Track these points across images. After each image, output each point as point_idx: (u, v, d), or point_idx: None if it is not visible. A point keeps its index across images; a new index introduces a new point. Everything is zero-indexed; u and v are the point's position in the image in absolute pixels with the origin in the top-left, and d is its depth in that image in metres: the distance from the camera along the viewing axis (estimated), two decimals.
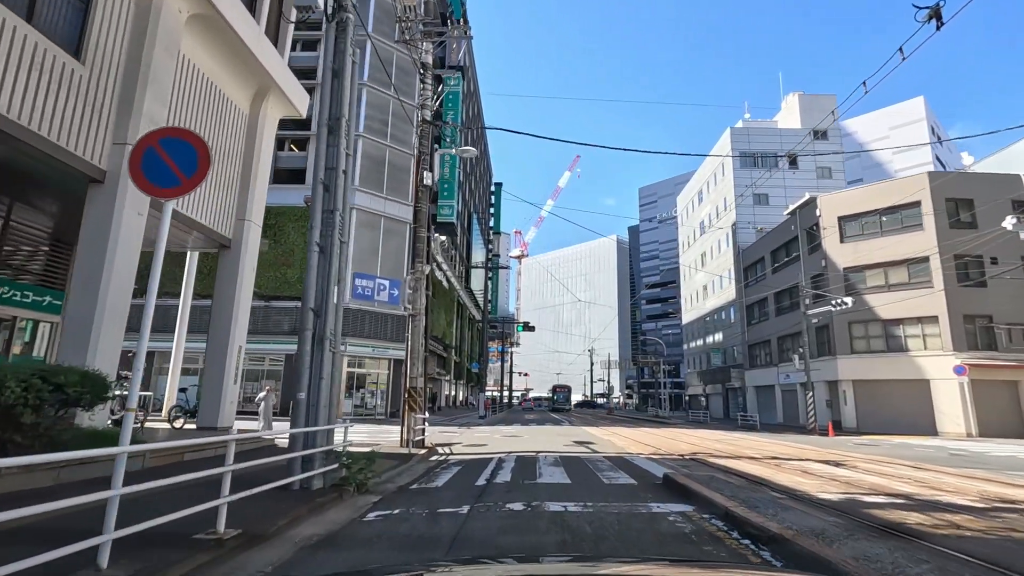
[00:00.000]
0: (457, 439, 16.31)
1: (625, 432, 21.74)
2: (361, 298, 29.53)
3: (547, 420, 35.88)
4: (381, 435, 16.72)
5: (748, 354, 41.67)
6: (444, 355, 44.75)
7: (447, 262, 44.40)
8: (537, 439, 16.70)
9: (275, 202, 30.42)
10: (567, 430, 22.77)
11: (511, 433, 19.55)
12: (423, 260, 13.41)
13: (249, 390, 29.13)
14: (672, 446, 14.99)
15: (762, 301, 39.31)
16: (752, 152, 46.27)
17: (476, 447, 13.90)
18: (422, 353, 13.06)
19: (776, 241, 37.09)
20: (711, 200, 51.56)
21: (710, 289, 51.75)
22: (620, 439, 17.59)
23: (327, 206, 7.86)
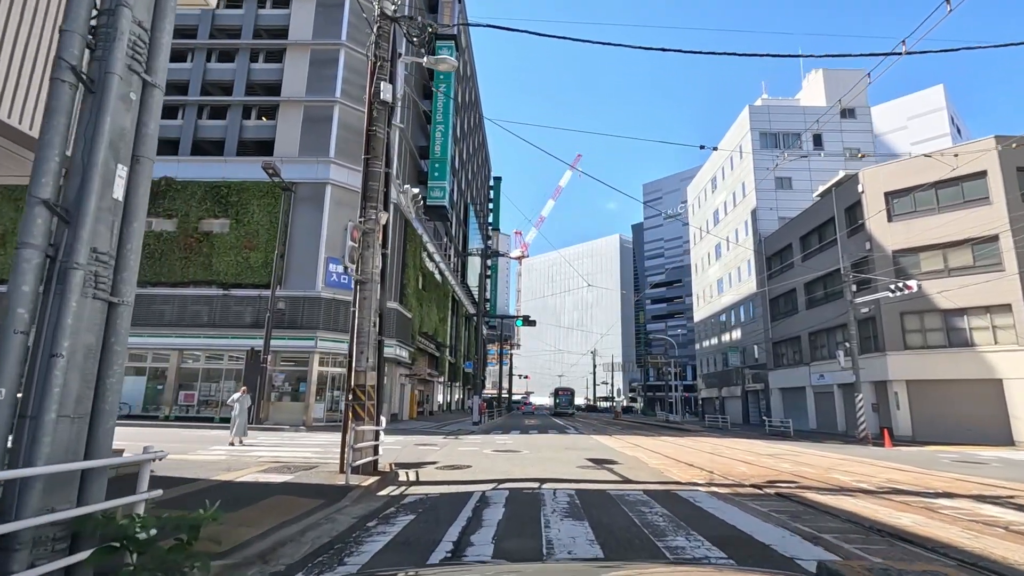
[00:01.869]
0: (435, 455, 12.30)
1: (647, 443, 17.70)
2: (336, 286, 25.57)
3: (550, 426, 31.83)
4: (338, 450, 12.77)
5: (772, 353, 37.61)
6: (436, 355, 40.72)
7: (440, 252, 40.43)
8: (540, 455, 12.67)
9: (237, 176, 26.55)
10: (575, 440, 18.74)
11: (506, 445, 15.52)
12: (377, 204, 9.43)
13: (207, 392, 25.20)
14: (725, 467, 10.97)
15: (789, 293, 35.29)
16: (773, 132, 42.32)
17: (455, 470, 9.88)
18: (373, 336, 9.07)
19: (806, 225, 33.10)
20: (727, 187, 47.60)
21: (725, 283, 47.73)
22: (647, 454, 13.57)
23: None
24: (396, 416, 30.72)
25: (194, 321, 24.81)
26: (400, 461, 11.13)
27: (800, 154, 40.88)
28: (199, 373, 25.14)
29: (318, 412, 24.69)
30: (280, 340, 24.28)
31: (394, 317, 27.17)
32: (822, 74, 44.38)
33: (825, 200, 31.39)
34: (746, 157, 42.69)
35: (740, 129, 44.35)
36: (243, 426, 15.31)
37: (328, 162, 26.46)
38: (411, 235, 31.20)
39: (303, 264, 25.58)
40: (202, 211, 25.95)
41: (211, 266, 25.31)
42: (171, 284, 25.10)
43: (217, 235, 25.73)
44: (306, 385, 24.54)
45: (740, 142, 43.97)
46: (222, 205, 26.02)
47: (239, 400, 15.44)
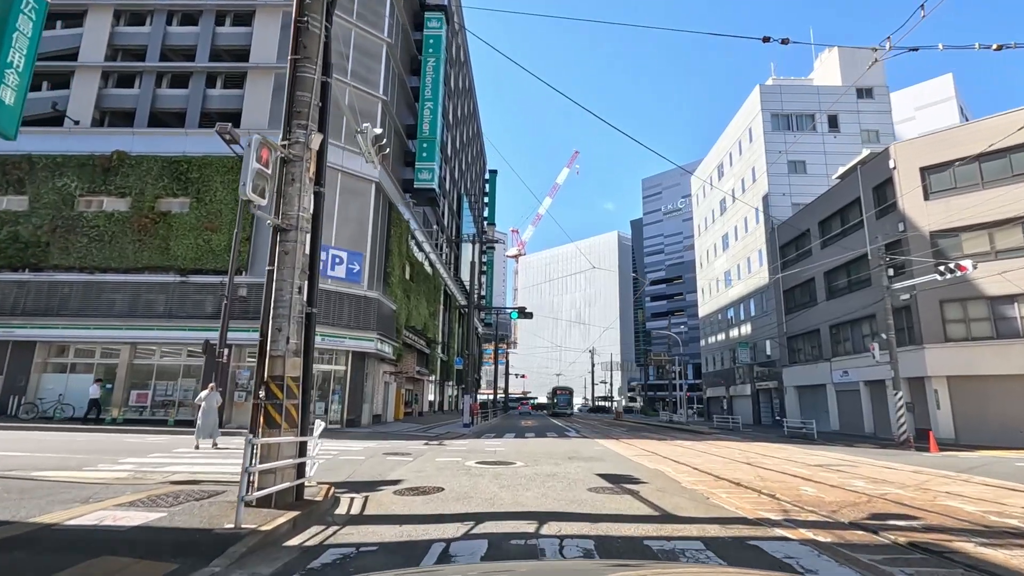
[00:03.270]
0: (402, 470, 9.55)
1: (664, 450, 14.98)
2: None
3: (548, 428, 29.12)
4: None
5: (787, 348, 34.96)
6: (427, 351, 37.95)
7: (430, 242, 37.65)
8: (537, 469, 9.92)
9: (199, 150, 23.78)
10: (578, 446, 16.02)
11: (497, 454, 12.77)
12: (308, 123, 6.67)
13: (164, 391, 22.41)
14: (783, 486, 8.24)
15: (806, 284, 32.65)
16: (785, 113, 39.67)
17: (420, 496, 7.12)
18: (298, 308, 6.31)
19: (826, 209, 30.45)
20: (735, 173, 44.94)
21: (733, 275, 45.08)
22: (672, 466, 10.85)
23: None
24: (379, 417, 27.95)
25: (148, 311, 22.01)
26: (352, 480, 8.39)
27: (814, 136, 38.28)
28: (153, 370, 22.33)
29: None
30: (244, 332, 21.48)
31: (375, 308, 24.43)
32: (836, 52, 41.77)
33: (848, 181, 28.75)
34: (756, 140, 40.05)
35: (750, 111, 41.70)
36: (212, 426, 13.73)
37: None
38: (396, 219, 28.46)
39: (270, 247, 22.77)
40: (159, 189, 23.17)
41: (168, 250, 22.54)
42: (123, 270, 22.32)
43: (176, 215, 22.95)
44: None
45: (750, 124, 41.32)
46: (181, 182, 23.24)
47: (207, 398, 13.91)
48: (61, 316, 21.87)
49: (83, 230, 22.60)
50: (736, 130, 44.61)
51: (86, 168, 23.36)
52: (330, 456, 11.31)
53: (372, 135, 9.68)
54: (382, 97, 26.83)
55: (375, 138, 9.70)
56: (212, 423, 13.99)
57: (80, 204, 23.29)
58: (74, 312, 21.85)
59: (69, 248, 22.39)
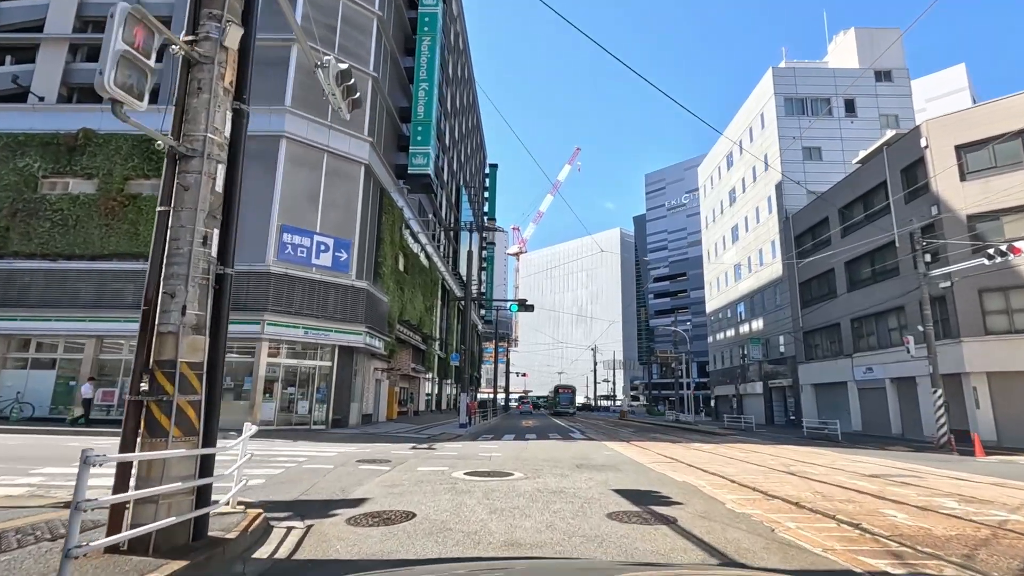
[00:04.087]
0: (370, 486, 7.70)
1: (684, 455, 13.10)
2: (291, 260, 21.05)
3: (550, 429, 27.28)
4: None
5: (803, 344, 33.05)
6: (423, 348, 36.10)
7: (426, 233, 35.79)
8: (539, 484, 8.05)
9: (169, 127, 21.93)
10: (586, 450, 14.16)
11: (491, 462, 10.92)
12: (223, 13, 4.80)
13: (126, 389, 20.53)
14: (859, 508, 6.37)
15: (824, 275, 30.74)
16: (799, 97, 37.73)
17: (380, 527, 5.25)
18: (202, 263, 4.46)
19: (847, 195, 28.53)
20: (745, 162, 43.01)
21: (744, 269, 43.16)
22: (703, 477, 8.99)
23: None
24: (370, 417, 26.14)
25: (116, 302, 20.18)
26: (305, 498, 6.56)
27: (830, 121, 36.35)
28: (121, 366, 20.51)
29: (267, 413, 20.10)
30: None
31: (364, 299, 22.60)
32: (853, 33, 39.79)
33: (872, 164, 26.83)
34: (769, 126, 38.12)
35: (762, 95, 39.75)
36: None
37: (283, 111, 21.87)
38: (388, 206, 26.62)
39: (250, 233, 20.91)
40: (128, 169, 21.37)
41: (138, 235, 20.73)
42: (88, 257, 20.52)
43: (147, 198, 21.12)
44: (252, 379, 19.95)
45: (762, 109, 39.38)
46: (153, 162, 21.40)
47: None
48: (21, 307, 20.09)
49: (46, 214, 20.82)
50: (747, 116, 42.66)
51: (50, 147, 21.56)
52: (293, 465, 9.49)
53: (336, 71, 7.80)
54: (372, 74, 24.99)
55: (340, 75, 7.81)
56: None
57: (44, 186, 21.50)
58: (35, 303, 20.06)
59: (30, 234, 20.59)
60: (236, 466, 5.31)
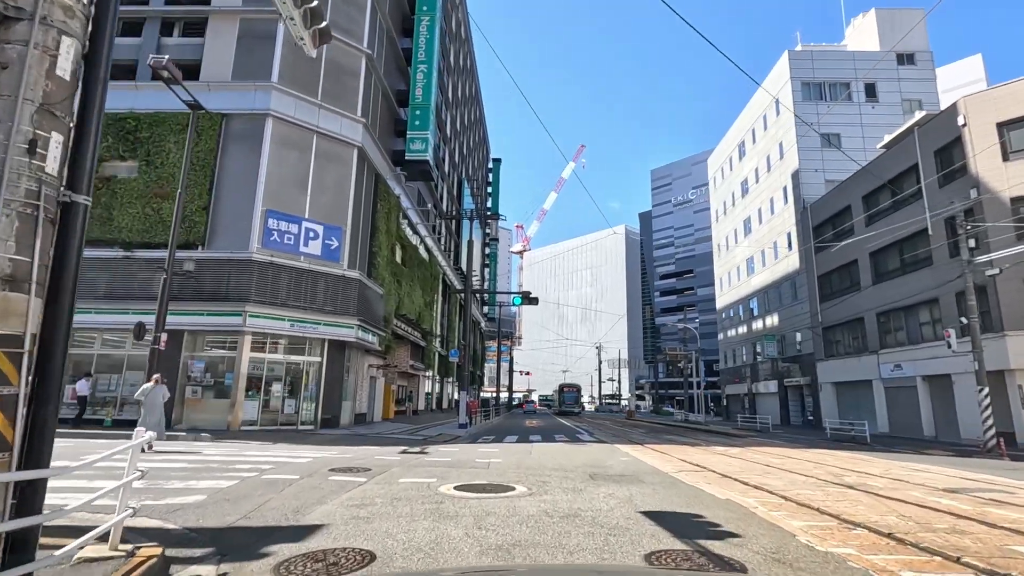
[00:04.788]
0: (338, 503, 6.11)
1: (715, 463, 11.45)
2: (277, 247, 19.55)
3: (556, 429, 25.68)
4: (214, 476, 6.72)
5: (822, 340, 31.30)
6: (422, 344, 34.55)
7: (425, 225, 34.22)
8: (546, 501, 6.42)
9: (150, 106, 20.46)
10: (599, 455, 12.53)
11: (489, 470, 9.32)
12: None
13: (106, 385, 19.10)
14: (983, 544, 4.77)
15: (847, 267, 28.98)
16: (817, 81, 35.94)
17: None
18: (25, 187, 2.86)
19: (872, 181, 26.78)
20: (758, 151, 41.24)
21: (757, 262, 41.40)
22: (753, 495, 7.34)
23: None
24: (364, 417, 24.60)
25: (88, 292, 18.63)
26: (240, 525, 4.98)
27: (850, 106, 34.57)
28: (94, 361, 19.00)
29: (250, 412, 18.59)
30: (196, 316, 18.21)
31: (356, 290, 21.06)
32: (873, 15, 37.95)
33: (900, 148, 25.08)
34: (785, 112, 36.34)
35: (777, 80, 37.97)
36: (155, 426, 11.43)
37: (269, 88, 20.36)
38: (383, 193, 25.09)
39: (233, 218, 19.48)
40: (103, 150, 19.81)
41: (111, 220, 19.23)
42: None
43: (121, 181, 19.65)
44: (233, 376, 18.41)
45: (777, 95, 37.60)
46: (129, 143, 19.93)
47: (150, 392, 11.89)
48: None
49: None
50: (761, 102, 40.87)
51: None
52: (252, 475, 7.92)
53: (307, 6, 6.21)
54: (366, 51, 23.43)
55: (308, 13, 6.21)
56: (156, 422, 11.72)
57: None
58: None
59: None
60: (119, 485, 3.71)
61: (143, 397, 12.11)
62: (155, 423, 11.68)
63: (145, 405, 12.05)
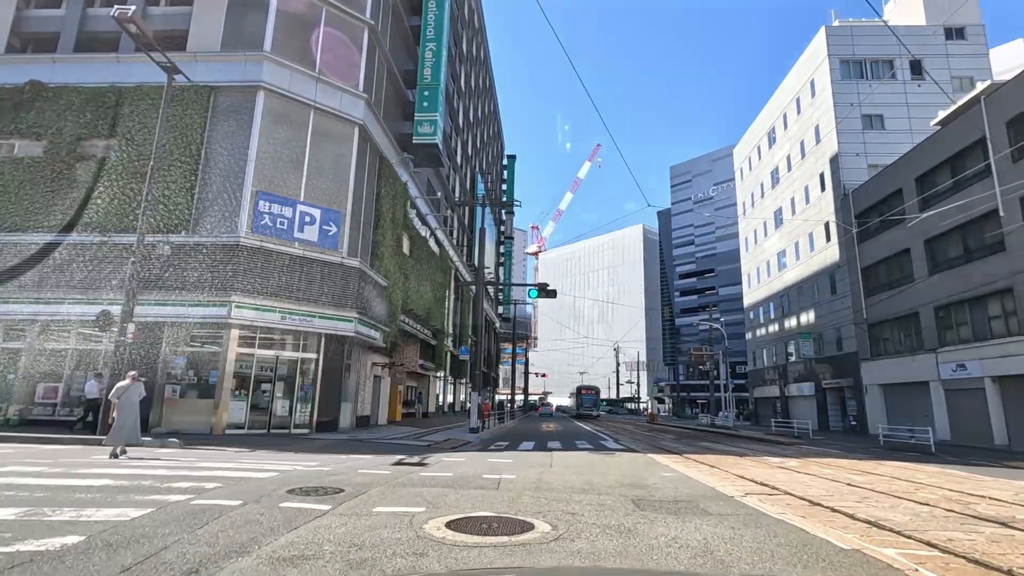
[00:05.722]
0: (275, 551, 4.06)
1: (791, 483, 9.13)
2: (269, 232, 17.70)
3: (576, 435, 23.47)
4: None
5: (868, 338, 28.61)
6: (433, 343, 32.53)
7: (436, 216, 32.22)
8: (579, 550, 4.31)
9: (132, 79, 18.78)
10: (635, 469, 10.31)
11: (498, 493, 7.15)
12: None
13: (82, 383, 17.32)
14: None
15: (897, 256, 26.31)
16: (857, 59, 33.24)
17: None
18: None
19: (927, 161, 24.14)
20: (791, 137, 38.58)
21: (790, 256, 38.70)
22: (878, 538, 5.13)
23: None
24: (367, 420, 22.65)
25: (61, 281, 16.96)
26: None
27: (894, 85, 31.86)
28: (69, 355, 17.28)
29: (236, 414, 16.70)
30: (177, 307, 16.36)
31: (356, 280, 19.11)
32: None
33: (960, 123, 22.45)
34: (822, 93, 33.70)
35: (813, 59, 35.33)
36: (131, 429, 10.55)
37: (261, 58, 18.53)
38: (388, 178, 23.15)
39: (217, 199, 17.65)
40: (81, 127, 18.20)
41: (89, 203, 17.53)
42: (29, 229, 17.39)
43: (100, 160, 17.94)
44: (217, 374, 16.54)
45: (812, 75, 34.97)
46: (109, 119, 18.24)
47: (125, 391, 10.62)
48: None
49: None
50: (794, 85, 38.23)
51: None
52: (183, 498, 5.89)
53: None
54: (368, 22, 21.53)
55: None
56: (130, 424, 10.53)
57: None
58: None
59: None
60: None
61: (116, 398, 10.55)
62: (131, 427, 10.56)
63: (120, 406, 10.54)
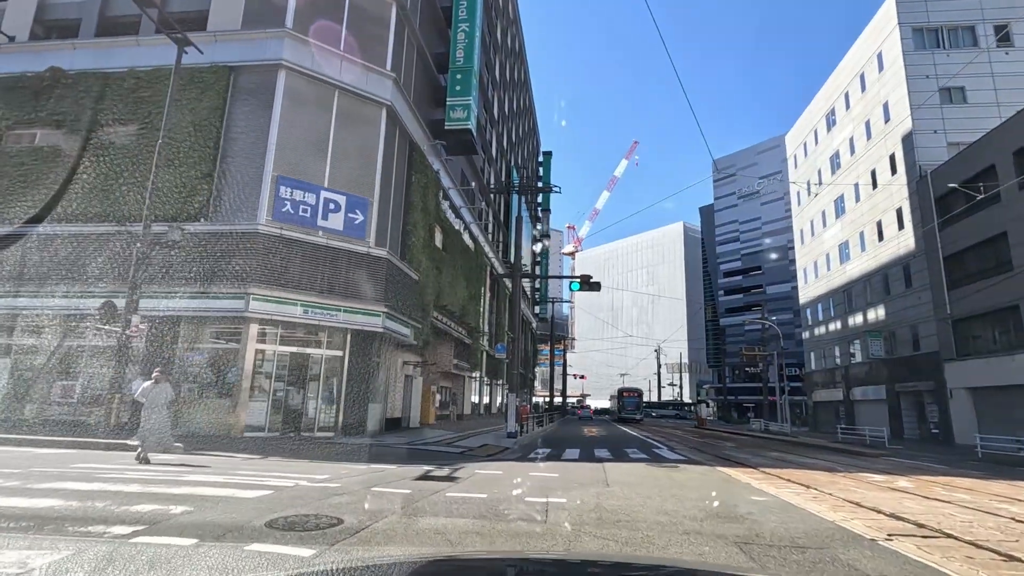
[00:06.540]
0: None
1: (922, 511, 7.00)
2: (290, 220, 16.43)
3: (623, 441, 21.42)
4: None
5: (953, 335, 25.44)
6: (468, 342, 30.97)
7: (470, 208, 30.67)
8: None
9: (151, 62, 17.91)
10: (715, 491, 8.32)
11: (543, 538, 5.34)
12: None
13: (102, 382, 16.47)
14: None
15: (989, 243, 23.17)
16: (932, 26, 29.97)
17: None
18: None
19: None
20: (854, 117, 35.37)
21: (853, 247, 35.45)
22: None
23: None
24: (399, 422, 21.19)
25: (79, 274, 16.13)
26: None
27: (977, 54, 28.48)
28: (85, 353, 16.43)
29: (256, 416, 15.44)
30: (192, 300, 15.22)
31: (384, 271, 17.67)
32: None
33: None
34: (892, 66, 30.54)
35: (879, 30, 32.17)
36: (161, 431, 9.92)
37: (283, 35, 17.33)
38: (419, 165, 21.71)
39: (235, 185, 16.50)
40: (99, 113, 17.40)
41: (107, 191, 16.68)
42: (47, 220, 16.64)
43: (122, 147, 17.08)
44: (236, 373, 15.31)
45: (879, 48, 31.82)
46: (128, 104, 17.38)
47: (150, 392, 9.92)
48: None
49: (5, 170, 17.19)
50: (857, 60, 35.02)
51: (15, 93, 17.95)
52: (138, 528, 4.34)
53: None
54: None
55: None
56: (158, 427, 9.82)
57: (9, 139, 17.93)
58: None
59: None
60: None
61: (143, 398, 9.88)
62: (160, 429, 9.92)
63: (146, 408, 9.82)
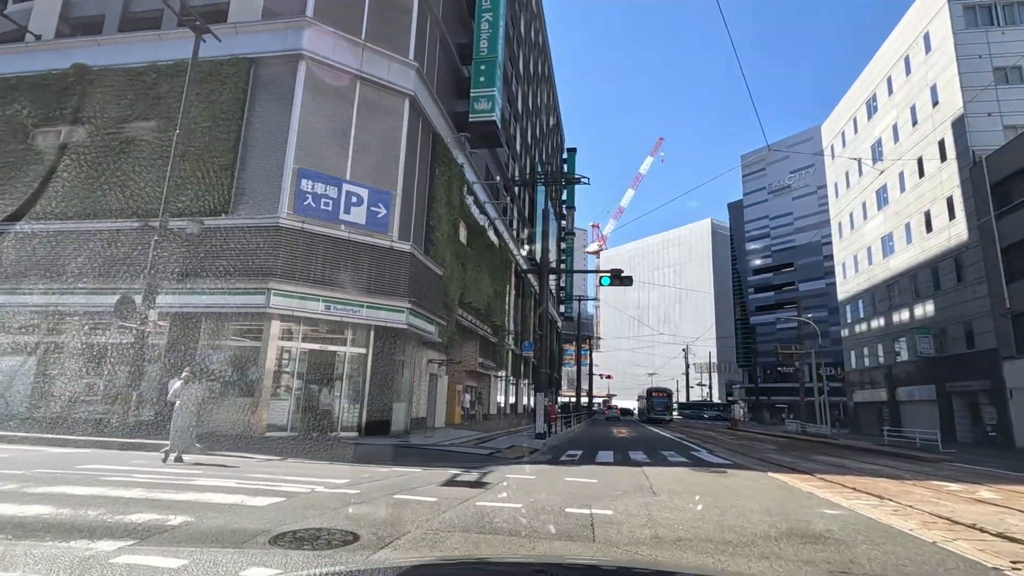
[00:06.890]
0: None
1: None
2: (312, 213, 15.97)
3: (656, 443, 20.45)
4: None
5: (1013, 332, 23.73)
6: (493, 341, 30.32)
7: (494, 204, 29.96)
8: None
9: (173, 56, 17.68)
10: (777, 501, 7.41)
11: (590, 551, 4.54)
12: None
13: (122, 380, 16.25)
14: None
15: None
16: (985, 2, 28.12)
17: None
18: None
19: None
20: (897, 102, 33.56)
21: (898, 239, 33.64)
22: None
23: None
24: (423, 422, 20.62)
25: (98, 271, 15.94)
26: None
27: None
28: (108, 350, 16.22)
29: (278, 415, 15.01)
30: (213, 296, 14.85)
31: (407, 266, 17.09)
32: None
33: None
34: (940, 47, 28.77)
35: (926, 9, 30.37)
36: (188, 430, 9.70)
37: (303, 24, 16.89)
38: (443, 157, 21.11)
39: (255, 178, 16.12)
40: (123, 109, 17.24)
41: (128, 186, 16.48)
42: (69, 217, 16.55)
43: (144, 143, 16.88)
44: (258, 371, 14.89)
45: (926, 28, 30.03)
46: (149, 99, 17.17)
47: (181, 392, 9.74)
48: None
49: (31, 168, 17.17)
50: (901, 43, 33.21)
51: (41, 90, 17.94)
52: (119, 544, 3.73)
53: None
54: None
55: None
56: (185, 425, 9.66)
57: (35, 136, 17.94)
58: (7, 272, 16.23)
59: (10, 192, 16.97)
60: None
61: (176, 399, 9.72)
62: (186, 428, 9.71)
63: (176, 408, 9.70)
